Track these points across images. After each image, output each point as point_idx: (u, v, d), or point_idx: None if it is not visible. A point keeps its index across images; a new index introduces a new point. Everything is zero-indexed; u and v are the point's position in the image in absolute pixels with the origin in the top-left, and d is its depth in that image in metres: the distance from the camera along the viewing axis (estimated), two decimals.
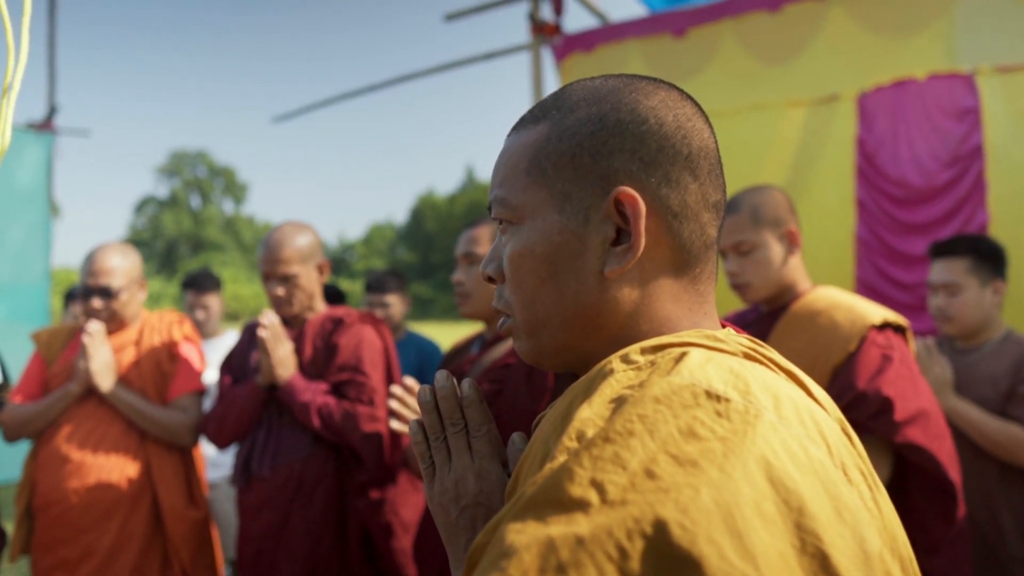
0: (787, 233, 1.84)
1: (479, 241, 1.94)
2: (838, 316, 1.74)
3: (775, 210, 1.84)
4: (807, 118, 3.42)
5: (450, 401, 0.84)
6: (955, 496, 1.65)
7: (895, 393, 1.61)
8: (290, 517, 2.19)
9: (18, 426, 2.41)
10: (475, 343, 2.11)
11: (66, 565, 2.32)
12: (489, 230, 1.96)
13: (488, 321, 1.99)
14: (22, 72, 1.14)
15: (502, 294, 0.78)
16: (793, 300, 1.86)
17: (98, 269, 2.43)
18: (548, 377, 1.74)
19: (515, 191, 0.73)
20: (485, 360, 1.95)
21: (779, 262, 1.83)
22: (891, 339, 1.70)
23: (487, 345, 1.99)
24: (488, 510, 0.79)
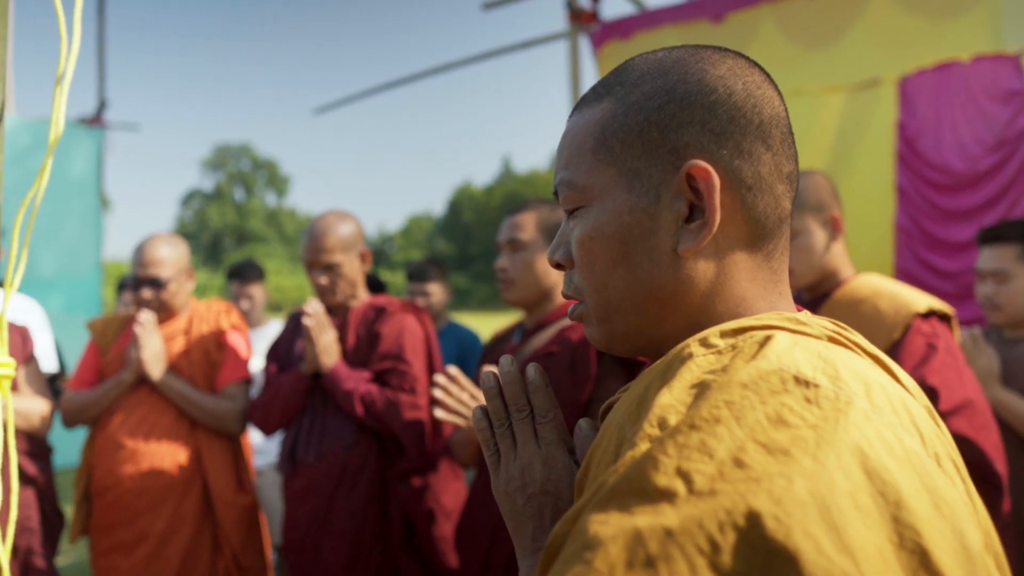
0: (830, 219, 1.82)
1: (522, 227, 1.94)
2: (882, 304, 1.72)
3: (818, 195, 1.81)
4: (847, 103, 3.37)
5: (515, 387, 0.82)
6: (1001, 489, 1.62)
7: (940, 383, 1.59)
8: (334, 503, 2.23)
9: (75, 412, 2.50)
10: (516, 332, 2.11)
11: (122, 547, 2.40)
12: (533, 216, 1.95)
13: (530, 309, 1.99)
14: (74, 62, 1.18)
15: (572, 280, 0.76)
16: (835, 287, 1.84)
17: (148, 260, 2.50)
18: (591, 365, 1.74)
19: (581, 172, 0.71)
20: (526, 349, 1.96)
21: (821, 248, 1.81)
22: (936, 328, 1.68)
23: (528, 334, 1.99)
24: (556, 498, 0.78)
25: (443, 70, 5.34)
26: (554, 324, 1.93)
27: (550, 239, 1.93)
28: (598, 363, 1.75)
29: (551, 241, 1.91)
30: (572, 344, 1.81)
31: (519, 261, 1.93)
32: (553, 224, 1.94)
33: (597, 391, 1.74)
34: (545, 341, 1.91)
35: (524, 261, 1.92)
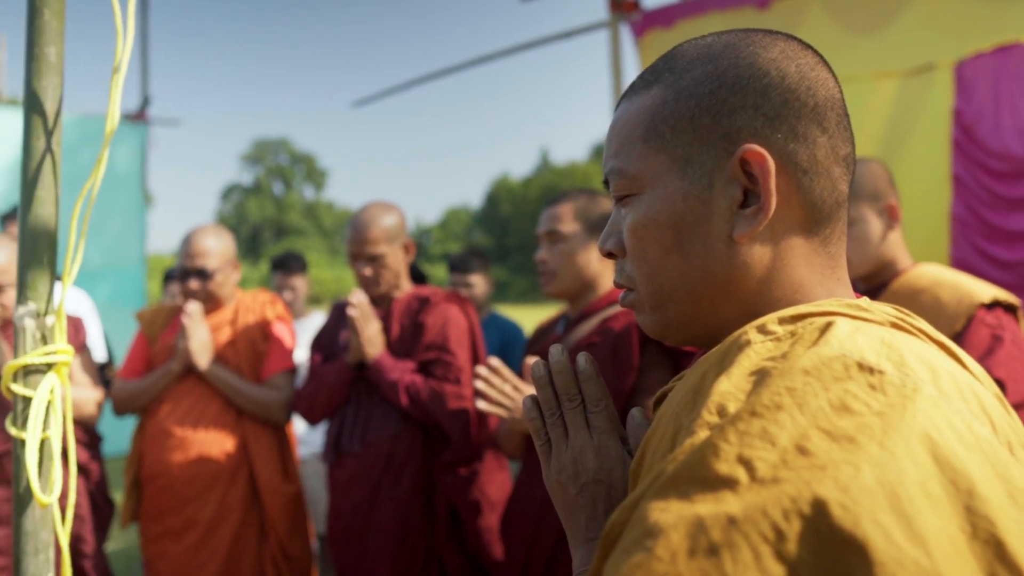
0: (886, 208, 1.77)
1: (561, 218, 1.94)
2: (943, 294, 1.66)
3: (874, 183, 1.76)
4: (899, 90, 3.27)
5: (566, 376, 0.82)
6: None
7: (1006, 375, 1.53)
8: (379, 493, 2.24)
9: (125, 401, 2.54)
10: (559, 323, 2.11)
11: (172, 533, 2.44)
12: (571, 207, 1.95)
13: (573, 300, 1.99)
14: (129, 53, 1.19)
15: (623, 268, 0.75)
16: (893, 278, 1.79)
17: (195, 251, 2.53)
18: (634, 355, 1.73)
19: (632, 160, 0.71)
20: (570, 339, 1.95)
21: (878, 238, 1.76)
22: (1002, 319, 1.62)
23: (571, 324, 1.99)
24: (609, 487, 0.78)
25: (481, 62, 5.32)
26: (597, 314, 1.92)
27: (590, 229, 1.93)
28: (641, 353, 1.75)
29: (590, 231, 1.93)
30: (614, 334, 1.80)
31: (559, 252, 1.93)
32: (592, 214, 1.93)
33: (640, 381, 1.74)
34: (588, 331, 1.90)
35: (564, 252, 1.93)
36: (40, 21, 1.17)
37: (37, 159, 1.16)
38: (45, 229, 1.17)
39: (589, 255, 1.93)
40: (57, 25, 1.18)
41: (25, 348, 1.16)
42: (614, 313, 1.87)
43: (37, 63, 1.17)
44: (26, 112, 1.17)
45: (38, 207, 1.17)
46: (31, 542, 1.15)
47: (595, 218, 1.94)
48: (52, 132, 1.17)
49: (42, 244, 1.17)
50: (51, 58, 1.17)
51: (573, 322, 1.98)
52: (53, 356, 1.16)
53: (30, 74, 1.17)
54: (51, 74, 1.17)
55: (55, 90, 1.18)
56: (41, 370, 1.17)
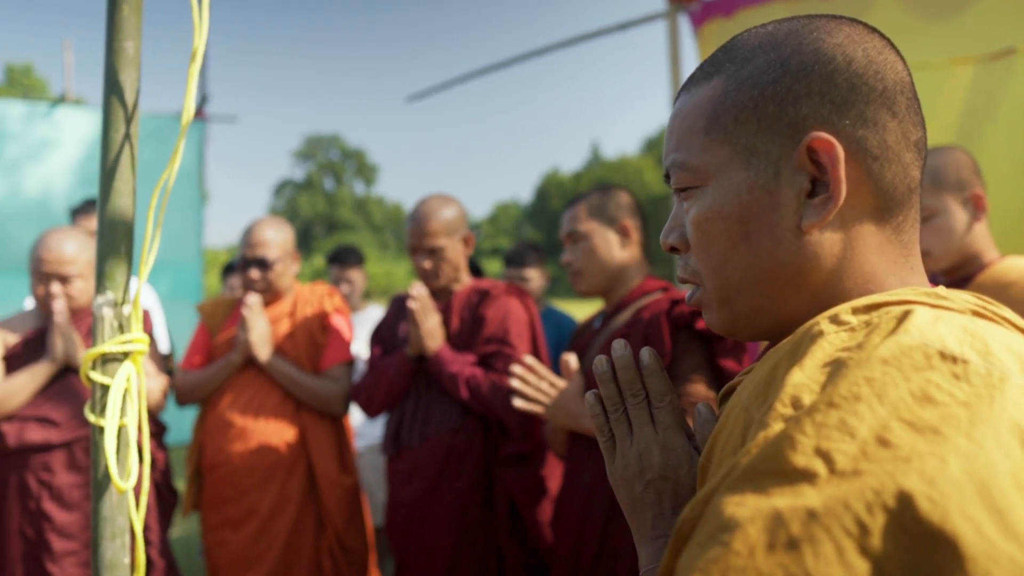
0: (971, 197, 1.70)
1: (577, 218, 1.99)
2: None
3: (958, 172, 1.70)
4: (976, 77, 3.13)
5: (629, 371, 0.81)
6: None
7: None
8: (439, 486, 2.24)
9: (188, 392, 2.59)
10: (597, 318, 2.11)
11: (232, 523, 2.48)
12: (585, 205, 1.99)
13: (606, 295, 2.01)
14: (205, 40, 1.20)
15: (687, 263, 0.74)
16: (978, 271, 1.71)
17: (255, 241, 2.56)
18: (665, 342, 1.73)
19: (694, 152, 0.70)
20: (605, 332, 1.96)
21: (962, 229, 1.69)
22: None
23: (607, 318, 2.00)
24: (675, 484, 0.77)
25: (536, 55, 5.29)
26: (630, 306, 1.94)
27: (607, 222, 1.96)
28: (673, 339, 1.74)
29: (607, 224, 1.96)
30: (644, 322, 1.80)
31: (581, 251, 1.98)
32: (607, 207, 1.97)
33: (673, 368, 1.73)
34: (622, 324, 1.90)
35: (586, 250, 1.97)
36: (119, 16, 1.18)
37: (115, 151, 1.18)
38: (122, 220, 1.19)
39: (610, 248, 1.96)
40: (135, 20, 1.19)
41: (103, 337, 1.18)
42: (646, 303, 1.88)
43: (116, 57, 1.18)
44: (105, 105, 1.19)
45: (116, 198, 1.18)
46: (108, 527, 1.17)
47: (610, 211, 1.97)
48: (130, 125, 1.19)
49: (119, 235, 1.19)
50: (129, 52, 1.19)
51: (608, 316, 2.00)
52: (130, 345, 1.18)
53: (109, 68, 1.18)
54: (129, 68, 1.19)
55: (133, 83, 1.19)
56: (118, 358, 1.19)
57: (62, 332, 2.26)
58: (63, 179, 5.40)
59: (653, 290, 1.93)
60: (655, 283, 1.95)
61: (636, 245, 1.97)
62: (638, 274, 1.98)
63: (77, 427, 2.27)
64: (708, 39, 4.13)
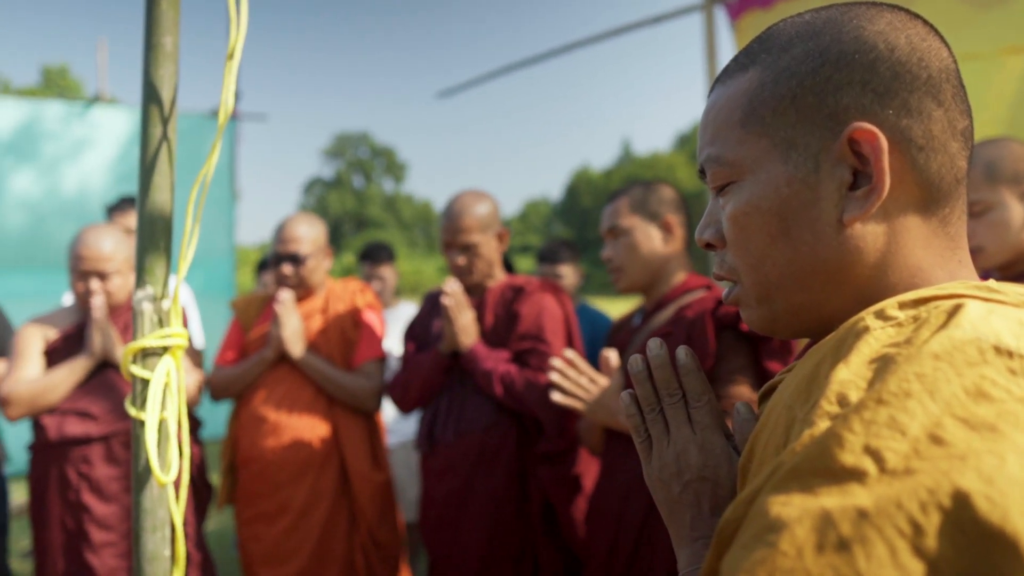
0: None
1: (619, 213, 1.95)
2: None
3: (1015, 165, 1.64)
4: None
5: (665, 370, 0.80)
6: None
7: None
8: (473, 483, 2.23)
9: (222, 387, 2.61)
10: (636, 315, 2.09)
11: (265, 517, 2.49)
12: (626, 200, 1.95)
13: (646, 291, 1.97)
14: (243, 39, 1.20)
15: (724, 259, 0.73)
16: None
17: (287, 236, 2.58)
18: (709, 342, 1.69)
19: (730, 146, 0.69)
20: (646, 331, 1.93)
21: (1019, 224, 1.63)
22: None
23: (647, 316, 1.97)
24: (714, 485, 0.75)
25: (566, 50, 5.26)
26: (672, 303, 1.90)
27: (649, 218, 1.93)
28: (717, 339, 1.71)
29: (650, 220, 1.93)
30: (688, 321, 1.77)
31: (622, 247, 1.94)
32: (649, 202, 1.93)
33: (717, 369, 1.70)
34: (663, 321, 1.88)
35: (627, 246, 1.93)
36: (157, 11, 1.19)
37: (154, 146, 1.18)
38: (161, 215, 1.19)
39: (652, 244, 1.92)
40: (173, 15, 1.20)
41: (143, 331, 1.18)
42: (689, 301, 1.85)
43: (154, 52, 1.19)
44: (144, 100, 1.19)
45: (155, 194, 1.19)
46: (149, 519, 1.18)
47: (652, 206, 1.93)
48: (168, 120, 1.19)
49: (158, 230, 1.19)
50: (167, 47, 1.19)
51: (648, 313, 1.97)
52: (169, 339, 1.19)
53: (147, 63, 1.19)
54: (167, 63, 1.19)
55: (171, 78, 1.20)
56: (158, 352, 1.20)
57: (100, 328, 2.30)
58: (99, 177, 5.49)
59: (696, 288, 1.90)
60: (698, 280, 1.92)
61: (679, 241, 1.94)
62: (680, 271, 1.94)
63: (115, 421, 2.30)
64: (745, 32, 4.07)
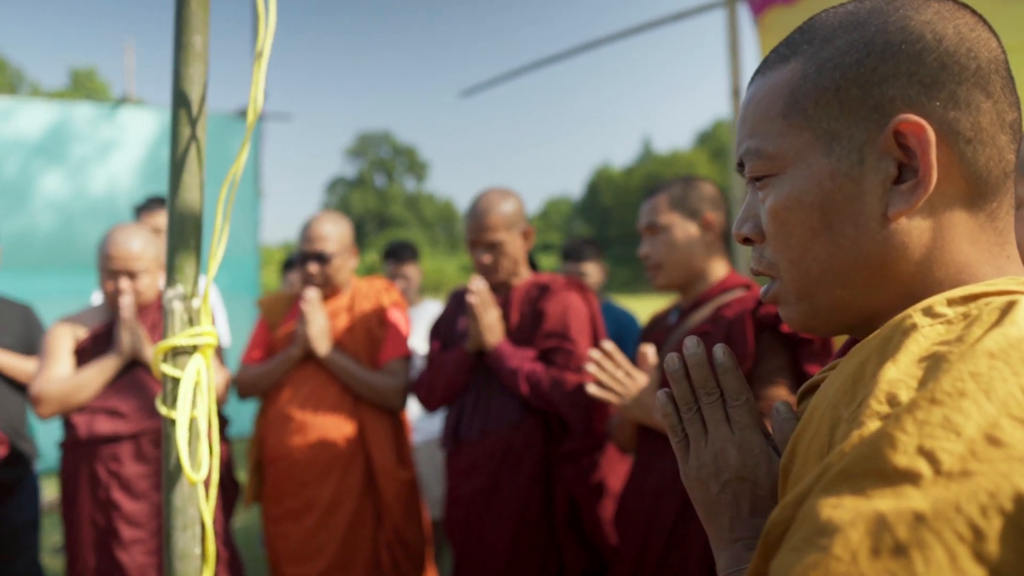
0: None
1: (658, 209, 1.92)
2: None
3: None
4: None
5: (703, 369, 0.78)
6: None
7: None
8: (498, 482, 2.23)
9: (249, 385, 2.62)
10: (672, 312, 2.06)
11: (292, 515, 2.50)
12: (666, 197, 1.92)
13: (683, 290, 1.95)
14: (271, 38, 1.20)
15: (763, 255, 0.71)
16: None
17: (314, 235, 2.58)
18: (748, 342, 1.67)
19: (771, 139, 0.67)
20: (683, 329, 1.91)
21: None
22: None
23: (684, 314, 1.95)
24: (753, 485, 0.74)
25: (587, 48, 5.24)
26: (710, 302, 1.88)
27: (689, 215, 1.90)
28: (757, 339, 1.69)
29: (689, 217, 1.90)
30: (727, 321, 1.75)
31: (661, 244, 1.91)
32: (689, 199, 1.90)
33: (756, 368, 1.68)
34: (701, 320, 1.86)
35: (666, 243, 1.90)
36: (187, 11, 1.19)
37: (184, 145, 1.19)
38: (191, 214, 1.20)
39: (691, 242, 1.90)
40: (202, 14, 1.20)
41: (174, 330, 1.19)
42: (728, 301, 1.82)
43: (184, 52, 1.19)
44: (173, 100, 1.20)
45: (184, 192, 1.19)
46: (180, 517, 1.18)
47: (692, 203, 1.90)
48: (197, 119, 1.20)
49: (188, 228, 1.20)
50: (197, 47, 1.20)
51: (685, 311, 1.94)
52: (199, 338, 1.19)
53: (177, 63, 1.19)
54: (197, 62, 1.19)
55: (200, 78, 1.20)
56: (188, 351, 1.20)
57: (128, 327, 2.32)
58: (127, 178, 5.55)
59: (734, 286, 1.87)
60: (737, 279, 1.89)
61: (718, 239, 1.91)
62: (720, 269, 1.92)
63: (143, 419, 2.32)
64: (768, 28, 4.03)
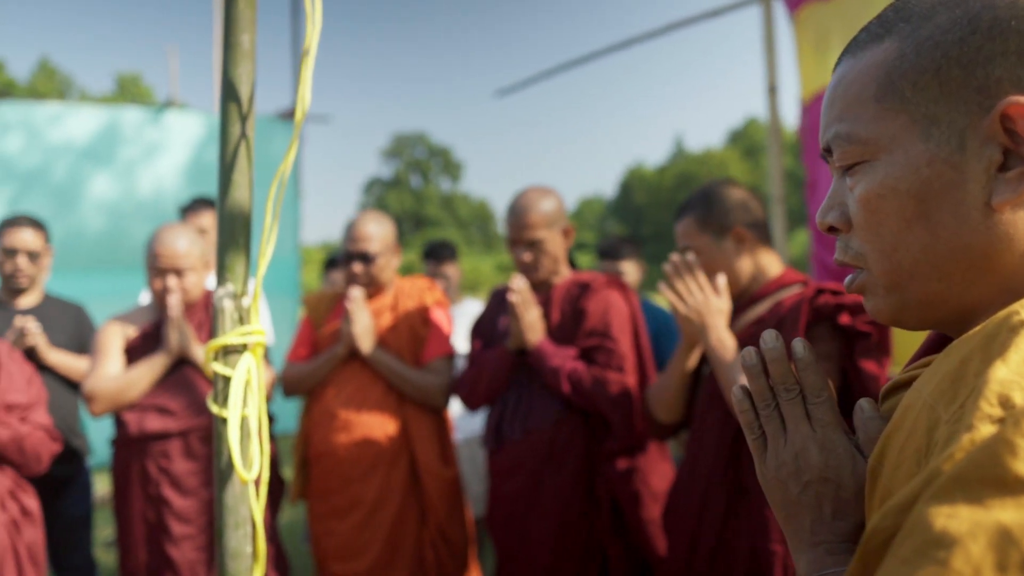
0: None
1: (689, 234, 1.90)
2: None
3: None
4: None
5: (782, 364, 0.75)
6: None
7: None
8: (541, 481, 2.22)
9: (294, 384, 2.65)
10: None
11: (337, 512, 2.52)
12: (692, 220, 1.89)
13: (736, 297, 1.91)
14: (318, 36, 1.20)
15: (849, 245, 0.68)
16: None
17: (358, 235, 2.60)
18: (799, 330, 1.64)
19: (863, 123, 0.64)
20: (737, 325, 1.87)
21: None
22: None
23: (738, 311, 1.91)
24: (837, 487, 0.71)
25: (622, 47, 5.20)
26: (767, 298, 1.84)
27: (717, 232, 1.88)
28: (809, 329, 1.65)
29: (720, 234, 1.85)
30: (783, 309, 1.72)
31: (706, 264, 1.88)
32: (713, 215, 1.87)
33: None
34: (752, 318, 1.83)
35: (706, 263, 1.88)
36: (235, 10, 1.20)
37: (233, 144, 1.19)
38: (241, 213, 1.20)
39: (729, 259, 1.86)
40: (250, 13, 1.20)
41: (224, 328, 1.20)
42: (785, 296, 1.79)
43: (232, 51, 1.20)
44: (223, 98, 1.20)
45: (234, 191, 1.20)
46: (232, 516, 1.19)
47: (718, 220, 1.87)
48: (246, 118, 1.20)
49: (238, 227, 1.20)
50: (245, 46, 1.20)
51: (740, 308, 1.90)
52: (249, 337, 1.20)
53: (226, 62, 1.20)
54: (245, 61, 1.20)
55: (248, 77, 1.20)
56: (238, 350, 1.21)
57: (176, 325, 2.35)
58: (172, 179, 5.66)
59: (792, 283, 1.83)
60: (795, 275, 1.85)
61: (756, 243, 1.87)
62: (772, 266, 1.88)
63: (192, 416, 2.36)
64: (805, 24, 3.96)
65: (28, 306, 2.96)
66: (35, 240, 2.94)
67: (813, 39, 3.47)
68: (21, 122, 5.24)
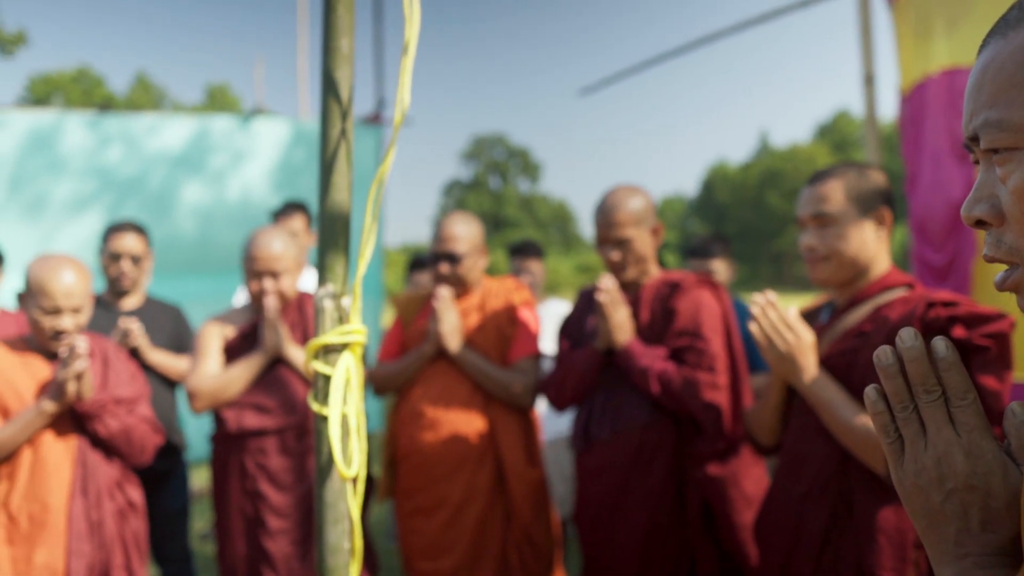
0: None
1: (828, 198, 1.74)
2: None
3: None
4: None
5: (922, 364, 0.70)
6: None
7: None
8: (629, 483, 2.18)
9: (383, 382, 2.69)
10: (823, 310, 1.93)
11: (423, 511, 2.54)
12: (840, 184, 1.75)
13: (842, 286, 1.80)
14: (416, 35, 1.21)
15: (1002, 239, 0.64)
16: None
17: (446, 235, 2.62)
18: None
19: (1016, 108, 0.59)
20: (836, 328, 1.79)
21: None
22: None
23: (838, 312, 1.82)
24: (985, 495, 0.66)
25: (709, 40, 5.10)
26: (869, 301, 1.74)
27: (863, 208, 1.73)
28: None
29: (863, 210, 1.74)
30: (889, 323, 1.62)
31: (831, 236, 1.75)
32: (864, 190, 1.74)
33: None
34: (858, 319, 1.73)
35: (836, 235, 1.74)
36: (334, 16, 1.22)
37: (333, 146, 1.21)
38: (340, 213, 1.22)
39: (864, 236, 1.74)
40: (348, 19, 1.22)
41: (324, 328, 1.22)
42: (890, 300, 1.69)
43: (332, 55, 1.22)
44: (323, 101, 1.22)
45: (334, 193, 1.22)
46: (331, 513, 1.21)
47: (867, 195, 1.74)
48: (346, 120, 1.22)
49: (338, 228, 1.22)
50: (344, 50, 1.22)
51: (841, 309, 1.80)
52: (349, 336, 1.21)
53: (326, 66, 1.22)
54: (344, 65, 1.22)
55: (348, 79, 1.22)
56: (338, 349, 1.23)
57: (272, 326, 2.42)
58: (260, 185, 5.84)
59: (896, 285, 1.74)
60: (900, 277, 1.75)
61: (888, 234, 1.77)
62: (882, 264, 1.78)
63: (287, 414, 2.42)
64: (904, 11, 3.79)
65: (131, 308, 3.10)
66: (138, 245, 3.08)
67: (913, 26, 3.31)
68: (120, 133, 5.50)
